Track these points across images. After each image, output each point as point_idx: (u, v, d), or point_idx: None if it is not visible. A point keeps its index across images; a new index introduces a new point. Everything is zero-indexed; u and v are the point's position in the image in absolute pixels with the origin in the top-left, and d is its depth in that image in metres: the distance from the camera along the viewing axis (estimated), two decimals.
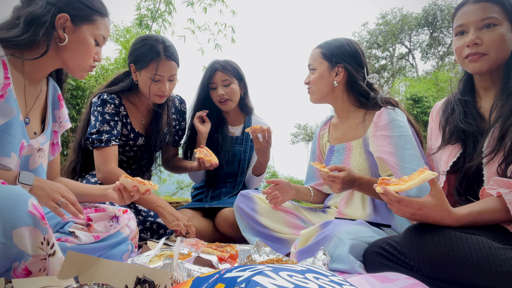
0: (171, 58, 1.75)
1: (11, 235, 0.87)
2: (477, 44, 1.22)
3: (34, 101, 1.23)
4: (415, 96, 7.94)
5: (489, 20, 1.21)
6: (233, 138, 2.21)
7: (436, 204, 1.03)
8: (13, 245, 0.88)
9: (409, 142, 1.43)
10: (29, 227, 0.89)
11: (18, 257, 0.91)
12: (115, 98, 1.82)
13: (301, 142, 19.53)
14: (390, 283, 0.91)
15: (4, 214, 0.86)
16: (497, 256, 0.92)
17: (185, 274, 1.09)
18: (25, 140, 1.15)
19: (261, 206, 1.71)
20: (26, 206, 0.90)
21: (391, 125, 1.46)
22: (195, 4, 4.99)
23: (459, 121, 1.31)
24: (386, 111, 1.49)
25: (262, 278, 0.53)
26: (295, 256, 1.35)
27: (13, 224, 0.87)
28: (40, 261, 0.94)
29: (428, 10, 18.33)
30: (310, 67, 1.68)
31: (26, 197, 0.91)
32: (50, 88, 1.31)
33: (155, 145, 1.93)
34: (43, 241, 0.93)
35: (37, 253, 0.93)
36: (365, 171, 1.57)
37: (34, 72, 1.20)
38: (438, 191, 1.04)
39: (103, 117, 1.77)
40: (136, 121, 1.91)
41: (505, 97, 1.19)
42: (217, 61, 2.12)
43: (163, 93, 1.77)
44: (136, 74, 1.81)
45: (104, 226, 1.32)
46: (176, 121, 2.09)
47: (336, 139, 1.72)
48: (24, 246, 0.89)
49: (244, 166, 2.19)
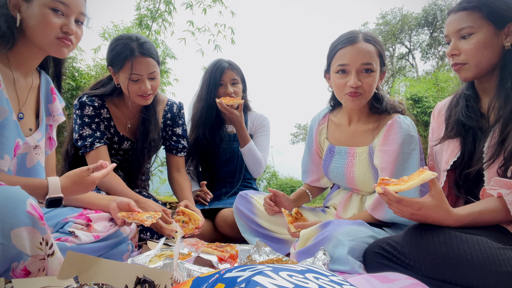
0: (146, 55, 1.64)
1: (10, 236, 0.86)
2: (456, 55, 1.25)
3: (26, 95, 1.21)
4: (415, 96, 7.93)
5: (465, 30, 1.22)
6: (231, 136, 2.20)
7: (436, 204, 1.04)
8: (11, 245, 0.87)
9: (416, 161, 1.40)
10: (28, 227, 0.89)
11: (17, 257, 0.90)
12: (94, 101, 1.76)
13: (301, 142, 19.51)
14: (390, 283, 0.91)
15: (2, 215, 0.86)
16: (497, 256, 0.93)
17: (185, 274, 1.09)
18: (20, 139, 1.14)
19: (259, 209, 1.72)
20: (24, 206, 0.89)
21: (402, 140, 1.41)
22: (194, 5, 4.99)
23: (460, 114, 1.32)
24: (399, 124, 1.44)
25: (262, 278, 0.53)
26: (295, 257, 1.35)
27: (11, 225, 0.86)
28: (39, 261, 0.93)
29: (428, 10, 18.32)
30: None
31: (25, 197, 0.91)
32: (43, 81, 1.28)
33: (142, 148, 1.84)
34: (41, 241, 0.93)
35: (36, 253, 0.92)
36: (369, 181, 1.53)
37: (20, 64, 1.17)
38: (438, 191, 1.04)
39: (82, 120, 1.73)
40: (120, 124, 1.85)
41: (503, 99, 1.19)
42: (223, 60, 2.13)
43: (144, 92, 1.67)
44: (115, 77, 1.73)
45: (104, 226, 1.32)
46: (169, 127, 1.98)
47: (338, 140, 1.66)
48: (22, 246, 0.89)
49: (242, 163, 2.19)
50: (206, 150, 2.15)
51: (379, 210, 1.42)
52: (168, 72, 5.84)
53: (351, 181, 1.58)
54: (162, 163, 2.21)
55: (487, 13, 1.20)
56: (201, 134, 2.11)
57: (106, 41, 5.95)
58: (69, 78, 6.10)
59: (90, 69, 6.53)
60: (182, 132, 2.01)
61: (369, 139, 1.53)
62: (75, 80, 6.01)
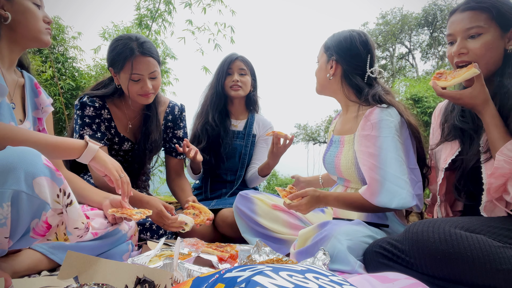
0: (147, 54, 1.64)
1: (32, 185, 0.90)
2: (464, 54, 1.25)
3: (13, 90, 1.25)
4: (415, 96, 7.93)
5: (474, 30, 1.22)
6: (235, 132, 2.22)
7: (472, 94, 1.18)
8: (35, 196, 0.90)
9: (393, 145, 1.36)
10: (47, 177, 0.93)
11: (39, 210, 0.93)
12: (95, 101, 1.76)
13: (301, 142, 19.51)
14: (390, 283, 0.91)
15: (23, 164, 0.89)
16: (497, 254, 0.94)
17: (185, 274, 1.09)
18: (13, 123, 1.16)
19: (260, 207, 1.71)
20: (41, 159, 0.94)
21: (379, 125, 1.40)
22: (194, 4, 4.98)
23: (455, 120, 1.34)
24: (378, 109, 1.43)
25: (262, 278, 0.53)
26: (294, 257, 1.35)
27: (33, 174, 0.90)
28: (58, 215, 0.98)
29: (428, 10, 18.32)
30: (317, 59, 1.69)
31: (39, 153, 0.95)
32: (26, 79, 1.33)
33: (144, 149, 1.84)
34: (59, 193, 0.96)
35: (55, 207, 0.96)
36: (351, 169, 1.53)
37: (6, 58, 1.22)
38: (480, 84, 1.18)
39: (82, 120, 1.74)
40: (121, 125, 1.84)
41: (500, 96, 1.20)
42: (235, 53, 2.22)
43: (146, 92, 1.67)
44: (116, 78, 1.73)
45: (101, 223, 1.31)
46: (170, 129, 1.98)
47: (337, 130, 1.70)
48: (45, 196, 0.92)
49: (244, 161, 2.20)
50: (211, 138, 2.15)
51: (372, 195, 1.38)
52: (168, 72, 5.84)
53: (338, 169, 1.59)
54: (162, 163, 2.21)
55: (495, 15, 1.20)
56: (210, 119, 2.15)
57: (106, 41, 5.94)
58: (69, 78, 6.11)
59: (90, 69, 6.53)
60: (183, 135, 2.00)
61: (354, 127, 1.54)
62: (75, 80, 6.01)
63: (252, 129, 2.25)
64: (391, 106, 1.45)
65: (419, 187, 1.37)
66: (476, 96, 1.18)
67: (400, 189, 1.31)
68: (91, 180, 1.80)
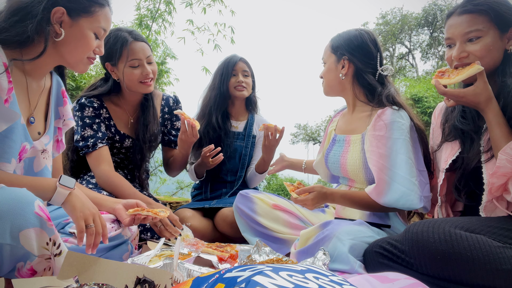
0: (139, 39, 1.74)
1: (18, 237, 0.87)
2: (463, 57, 1.25)
3: (37, 98, 1.20)
4: (415, 96, 7.93)
5: (473, 33, 1.22)
6: (235, 133, 2.22)
7: (476, 92, 1.17)
8: (19, 246, 0.88)
9: (404, 147, 1.37)
10: (36, 228, 0.90)
11: (24, 257, 0.91)
12: (93, 102, 1.78)
13: (301, 142, 19.53)
14: (390, 283, 0.91)
15: (11, 216, 0.86)
16: (497, 254, 0.94)
17: (185, 274, 1.09)
18: (27, 143, 1.12)
19: (260, 207, 1.71)
20: (32, 207, 0.90)
21: (391, 126, 1.40)
22: (194, 4, 4.98)
23: (456, 120, 1.34)
24: (390, 111, 1.43)
25: (262, 278, 0.53)
26: (295, 257, 1.35)
27: (20, 226, 0.87)
28: (45, 261, 0.94)
29: (428, 10, 18.33)
30: (322, 61, 1.68)
31: (33, 198, 0.92)
32: (54, 83, 1.27)
33: (144, 140, 1.86)
34: (48, 242, 0.93)
35: (42, 253, 0.93)
36: (359, 169, 1.53)
37: (35, 71, 1.16)
38: (483, 82, 1.17)
39: (83, 121, 1.75)
40: (121, 122, 1.87)
41: (504, 96, 1.20)
42: (237, 54, 2.23)
43: (147, 76, 1.73)
44: (114, 72, 1.76)
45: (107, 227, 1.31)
46: (168, 121, 2.04)
47: (340, 129, 1.69)
48: (30, 247, 0.89)
49: (244, 162, 2.20)
50: (213, 140, 2.15)
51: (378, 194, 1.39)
52: (168, 72, 5.84)
53: (344, 168, 1.58)
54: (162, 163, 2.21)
55: (493, 17, 1.20)
56: (214, 120, 2.14)
57: None
58: (69, 78, 6.10)
59: (90, 69, 6.52)
60: (178, 126, 2.04)
61: (363, 126, 1.54)
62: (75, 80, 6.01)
63: (252, 130, 2.25)
64: (402, 108, 1.46)
65: (427, 189, 1.38)
66: (480, 93, 1.17)
67: (408, 190, 1.33)
68: (91, 180, 1.80)
